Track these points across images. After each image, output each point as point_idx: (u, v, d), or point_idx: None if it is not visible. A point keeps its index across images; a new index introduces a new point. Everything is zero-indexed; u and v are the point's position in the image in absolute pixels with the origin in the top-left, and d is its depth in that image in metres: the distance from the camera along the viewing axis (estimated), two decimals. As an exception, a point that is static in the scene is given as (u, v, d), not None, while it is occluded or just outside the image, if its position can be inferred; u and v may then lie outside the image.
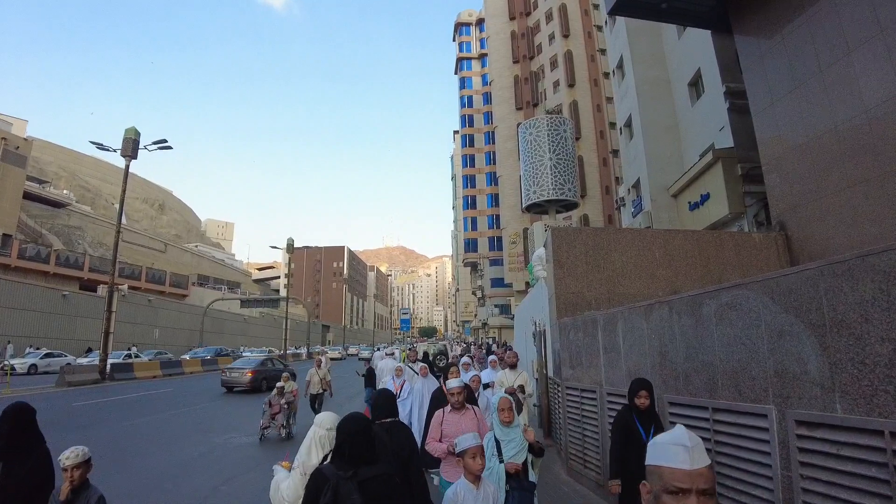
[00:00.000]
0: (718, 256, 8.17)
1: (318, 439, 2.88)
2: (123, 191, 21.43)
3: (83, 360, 27.05)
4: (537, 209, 21.48)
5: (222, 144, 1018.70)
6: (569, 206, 22.11)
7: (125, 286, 37.51)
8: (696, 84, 16.75)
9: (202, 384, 22.83)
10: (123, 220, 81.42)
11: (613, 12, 10.41)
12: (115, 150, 21.53)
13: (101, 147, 21.56)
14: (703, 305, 3.94)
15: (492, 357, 7.84)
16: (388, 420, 3.20)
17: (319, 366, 12.38)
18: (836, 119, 7.86)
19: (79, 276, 48.28)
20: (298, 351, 57.03)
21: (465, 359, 7.64)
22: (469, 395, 4.71)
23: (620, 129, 20.90)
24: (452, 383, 4.24)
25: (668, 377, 4.39)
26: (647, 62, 18.75)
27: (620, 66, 20.55)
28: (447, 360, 17.06)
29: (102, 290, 42.51)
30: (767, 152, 9.23)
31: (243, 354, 36.79)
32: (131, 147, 21.33)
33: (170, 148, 22.64)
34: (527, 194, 21.71)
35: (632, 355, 5.01)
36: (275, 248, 49.54)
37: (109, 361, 22.12)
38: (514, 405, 3.69)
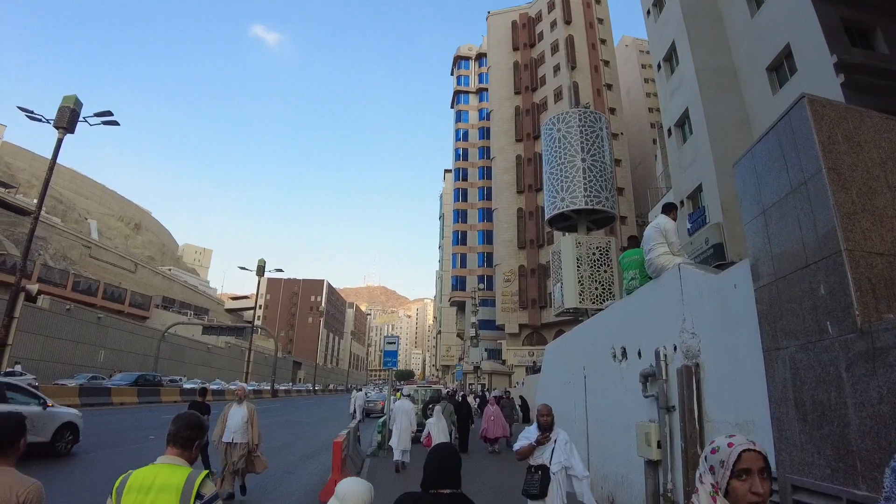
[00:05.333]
0: None
1: None
2: (51, 169, 16.97)
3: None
4: (563, 223, 17.88)
5: (208, 171, 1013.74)
6: (601, 221, 18.55)
7: (34, 287, 32.10)
8: (779, 67, 13.49)
9: (125, 420, 17.95)
10: (95, 236, 76.19)
11: None
12: (48, 121, 17.31)
13: (31, 116, 17.36)
14: None
15: None
16: (447, 492, 2.17)
17: (242, 401, 7.91)
18: None
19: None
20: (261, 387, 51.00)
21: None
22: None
23: (669, 129, 17.56)
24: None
25: None
26: (707, 47, 15.57)
27: (669, 58, 17.39)
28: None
29: (43, 301, 37.15)
30: None
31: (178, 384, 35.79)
32: (68, 118, 17.02)
33: (116, 123, 18.41)
34: (552, 203, 18.11)
35: None
36: (244, 269, 44.41)
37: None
38: None
